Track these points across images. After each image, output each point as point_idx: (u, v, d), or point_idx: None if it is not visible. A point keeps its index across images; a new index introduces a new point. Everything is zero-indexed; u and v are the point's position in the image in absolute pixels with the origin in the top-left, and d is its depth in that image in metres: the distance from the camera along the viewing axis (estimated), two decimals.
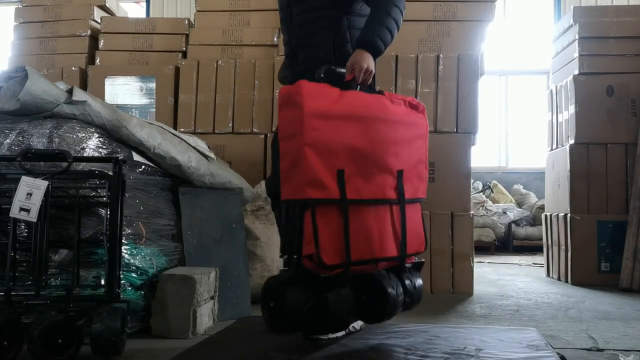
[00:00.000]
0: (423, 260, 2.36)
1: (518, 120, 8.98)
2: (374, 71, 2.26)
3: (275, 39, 4.41)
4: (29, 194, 2.11)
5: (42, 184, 2.13)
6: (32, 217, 2.11)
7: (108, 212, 2.29)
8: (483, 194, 7.88)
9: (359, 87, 2.21)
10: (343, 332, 2.33)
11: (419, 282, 2.27)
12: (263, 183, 3.60)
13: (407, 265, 2.25)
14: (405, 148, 2.23)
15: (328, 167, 1.98)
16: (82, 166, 2.48)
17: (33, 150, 2.34)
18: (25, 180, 2.13)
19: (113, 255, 2.23)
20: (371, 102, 2.16)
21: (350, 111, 2.07)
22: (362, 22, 2.35)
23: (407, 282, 2.20)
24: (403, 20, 2.36)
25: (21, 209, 2.10)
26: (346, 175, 2.02)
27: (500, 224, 7.57)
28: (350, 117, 2.06)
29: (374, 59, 2.27)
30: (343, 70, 2.23)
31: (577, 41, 4.61)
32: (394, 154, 2.17)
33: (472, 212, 3.93)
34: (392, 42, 2.32)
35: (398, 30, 2.33)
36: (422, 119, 2.33)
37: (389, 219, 2.16)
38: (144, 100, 4.34)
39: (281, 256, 2.09)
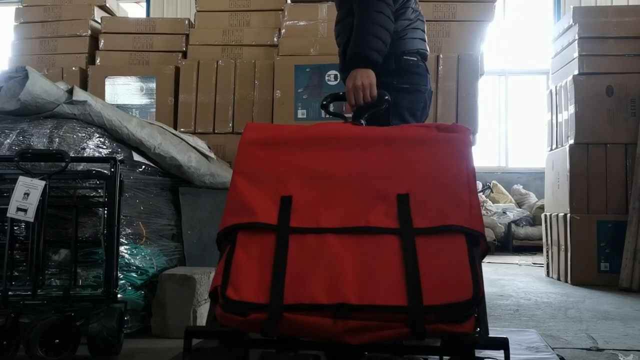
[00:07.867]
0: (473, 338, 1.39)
1: (518, 120, 8.99)
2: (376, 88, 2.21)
3: (275, 39, 4.41)
4: (27, 194, 2.11)
5: (39, 184, 2.13)
6: (29, 217, 2.11)
7: (106, 212, 2.29)
8: (483, 194, 7.88)
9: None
10: None
11: None
12: None
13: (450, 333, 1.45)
14: (420, 168, 1.82)
15: (268, 195, 1.74)
16: (82, 166, 2.48)
17: (31, 150, 2.34)
18: (22, 180, 2.13)
19: (110, 255, 2.22)
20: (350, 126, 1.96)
21: (313, 134, 1.87)
22: None
23: None
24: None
25: (18, 209, 2.10)
26: (298, 202, 1.71)
27: (500, 224, 7.58)
28: (312, 140, 1.86)
29: (372, 68, 2.20)
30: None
31: (576, 41, 4.61)
32: (390, 175, 1.81)
33: None
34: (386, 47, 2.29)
35: (391, 34, 2.32)
36: (457, 136, 1.90)
37: (386, 254, 1.62)
38: (144, 100, 4.34)
39: None
